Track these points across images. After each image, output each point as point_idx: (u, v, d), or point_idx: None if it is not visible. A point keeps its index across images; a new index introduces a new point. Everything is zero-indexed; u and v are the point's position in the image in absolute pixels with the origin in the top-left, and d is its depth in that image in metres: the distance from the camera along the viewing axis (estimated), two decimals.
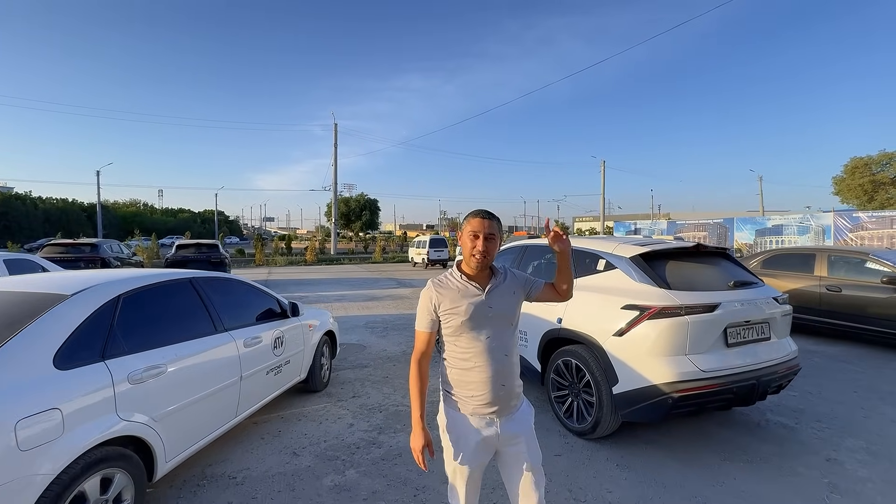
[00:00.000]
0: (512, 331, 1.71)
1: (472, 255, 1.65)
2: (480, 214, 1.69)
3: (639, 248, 3.36)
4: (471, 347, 1.65)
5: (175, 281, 2.86)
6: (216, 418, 2.85)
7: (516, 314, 1.72)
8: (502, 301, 1.68)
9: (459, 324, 1.63)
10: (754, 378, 2.95)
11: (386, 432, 3.49)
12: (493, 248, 1.66)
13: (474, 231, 1.65)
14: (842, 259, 6.35)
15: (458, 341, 1.67)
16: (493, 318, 1.65)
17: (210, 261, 12.85)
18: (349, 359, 5.66)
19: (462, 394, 1.67)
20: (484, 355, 1.63)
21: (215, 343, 2.88)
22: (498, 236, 1.68)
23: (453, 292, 1.67)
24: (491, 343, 1.64)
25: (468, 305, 1.63)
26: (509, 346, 1.68)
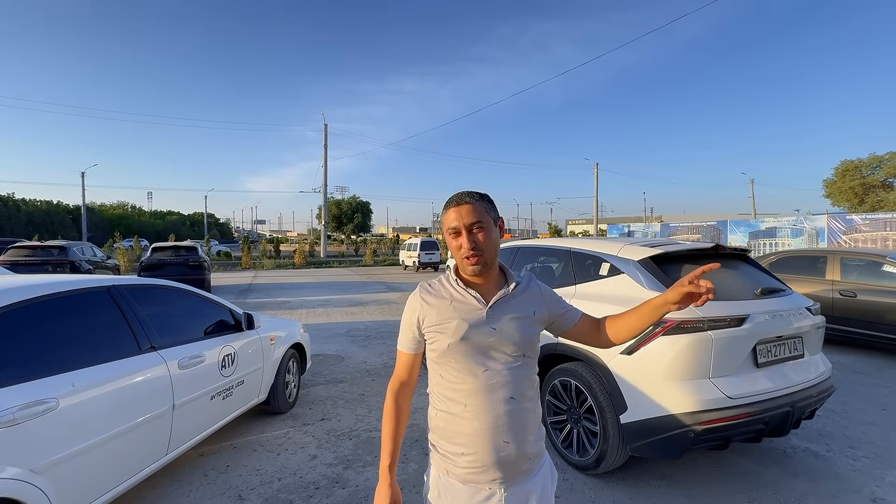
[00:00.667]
0: (524, 365, 1.20)
1: (463, 259, 1.18)
2: (454, 201, 1.20)
3: (649, 249, 2.88)
4: (461, 383, 1.17)
5: (85, 290, 2.32)
6: (137, 459, 2.31)
7: (532, 342, 1.22)
8: (512, 321, 1.19)
9: (446, 347, 1.17)
10: (788, 404, 2.47)
11: (353, 466, 2.96)
12: (489, 239, 1.18)
13: (452, 227, 1.19)
14: (856, 262, 5.94)
15: (444, 372, 1.21)
16: (497, 343, 1.17)
17: (188, 264, 12.22)
18: (323, 373, 5.13)
19: (450, 449, 1.18)
20: (478, 396, 1.15)
21: (137, 366, 2.34)
22: (490, 221, 1.20)
23: (444, 303, 1.22)
24: (490, 380, 1.15)
25: (460, 323, 1.16)
26: (519, 385, 1.18)
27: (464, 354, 1.16)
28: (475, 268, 1.17)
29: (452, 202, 1.20)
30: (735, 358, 2.44)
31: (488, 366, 1.16)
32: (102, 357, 2.20)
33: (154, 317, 2.67)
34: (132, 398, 2.27)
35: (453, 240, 1.19)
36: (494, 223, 1.21)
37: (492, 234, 1.19)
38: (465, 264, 1.18)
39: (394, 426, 1.26)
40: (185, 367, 2.65)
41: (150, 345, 2.49)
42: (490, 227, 1.19)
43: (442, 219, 1.23)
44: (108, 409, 2.13)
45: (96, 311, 2.34)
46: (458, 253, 1.18)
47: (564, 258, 3.46)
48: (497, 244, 1.21)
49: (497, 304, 1.19)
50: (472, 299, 1.20)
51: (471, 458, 1.14)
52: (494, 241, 1.20)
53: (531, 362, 1.22)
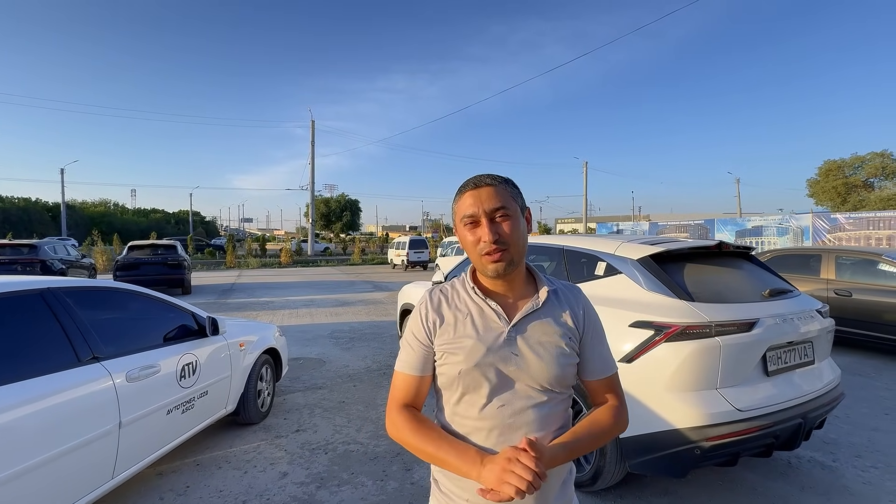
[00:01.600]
0: (553, 401, 0.93)
1: (482, 256, 0.92)
2: (471, 184, 0.95)
3: (648, 247, 2.66)
4: (471, 417, 0.93)
5: (8, 294, 2.01)
6: (73, 487, 2.02)
7: (566, 376, 0.94)
8: (541, 347, 0.93)
9: (457, 374, 0.92)
10: (800, 415, 2.27)
11: (327, 485, 2.70)
12: (516, 230, 0.92)
13: (468, 215, 0.93)
14: (851, 260, 5.83)
15: (451, 399, 0.96)
16: (518, 374, 0.91)
17: (167, 263, 11.79)
18: (302, 378, 4.85)
19: (454, 491, 0.94)
20: (492, 436, 0.90)
21: (74, 380, 2.05)
22: (517, 208, 0.95)
23: (459, 315, 0.96)
24: (507, 418, 0.90)
25: (475, 345, 0.91)
26: (545, 425, 0.92)
27: (476, 383, 0.91)
28: (498, 265, 0.90)
29: (469, 185, 0.95)
30: (744, 366, 2.23)
31: (505, 399, 0.91)
32: (29, 372, 1.90)
33: (100, 323, 2.37)
34: (66, 418, 1.97)
35: (469, 232, 0.93)
36: (522, 212, 0.96)
37: (519, 224, 0.94)
38: (486, 262, 0.92)
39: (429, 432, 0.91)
40: (135, 379, 2.35)
41: (92, 355, 2.19)
42: (517, 216, 0.94)
43: (455, 207, 0.97)
44: (34, 432, 1.83)
45: (23, 318, 2.03)
46: (476, 248, 0.92)
47: (557, 257, 3.23)
48: (525, 238, 0.96)
49: (522, 321, 0.94)
50: (490, 313, 0.95)
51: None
52: (522, 234, 0.94)
53: (562, 398, 0.96)
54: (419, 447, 0.91)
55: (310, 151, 29.83)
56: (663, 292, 2.41)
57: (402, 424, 0.94)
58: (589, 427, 0.95)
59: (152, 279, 11.08)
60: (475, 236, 0.92)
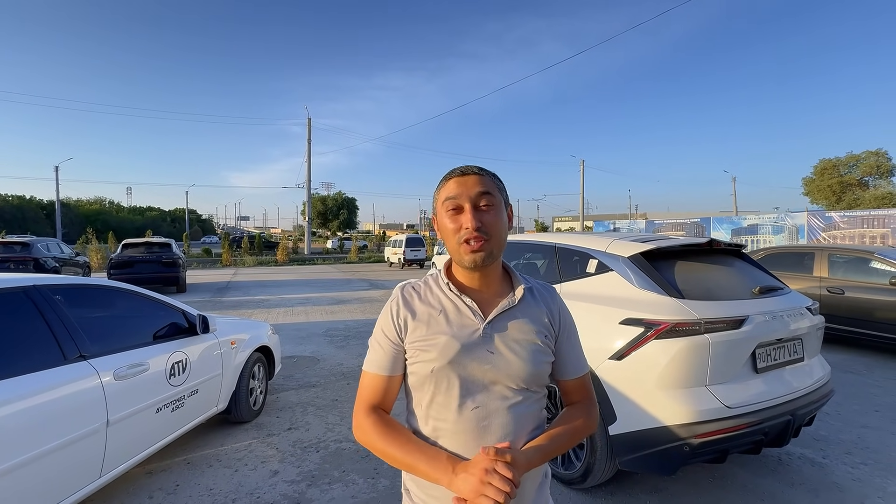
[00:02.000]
0: (528, 401, 0.92)
1: (460, 243, 0.89)
2: (456, 171, 0.93)
3: (639, 245, 2.66)
4: (442, 419, 0.89)
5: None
6: (59, 486, 2.00)
7: (541, 374, 0.93)
8: (516, 344, 0.91)
9: (429, 372, 0.89)
10: (789, 412, 2.28)
11: (318, 483, 2.69)
12: (498, 222, 0.90)
13: (451, 198, 0.90)
14: (844, 258, 5.85)
15: (423, 400, 0.92)
16: (493, 373, 0.89)
17: (161, 261, 11.72)
18: (296, 376, 4.83)
19: (425, 500, 0.91)
20: (463, 439, 0.87)
21: (60, 378, 2.03)
22: (501, 201, 0.93)
23: (431, 312, 0.93)
24: (481, 420, 0.87)
25: (449, 342, 0.88)
26: (519, 427, 0.89)
27: (449, 383, 0.89)
28: (477, 256, 0.88)
29: (456, 172, 0.93)
30: (734, 363, 2.23)
31: (479, 401, 0.88)
32: (14, 370, 1.88)
33: (87, 321, 2.35)
34: (52, 416, 1.96)
35: (451, 220, 0.90)
36: (505, 207, 0.95)
37: (502, 216, 0.92)
38: (464, 251, 0.88)
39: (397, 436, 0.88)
40: (123, 377, 2.34)
41: (79, 353, 2.18)
42: (501, 208, 0.92)
43: (437, 194, 0.95)
44: (19, 430, 1.81)
45: (8, 315, 2.01)
46: (457, 236, 0.89)
47: (549, 254, 3.23)
48: (506, 233, 0.93)
49: (498, 318, 0.92)
50: (465, 310, 0.92)
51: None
52: (504, 227, 0.92)
53: (537, 397, 0.94)
54: (387, 452, 0.88)
55: (306, 149, 29.73)
56: (654, 290, 2.41)
57: (369, 428, 0.91)
58: (563, 427, 0.94)
59: (147, 277, 11.03)
60: (456, 223, 0.89)
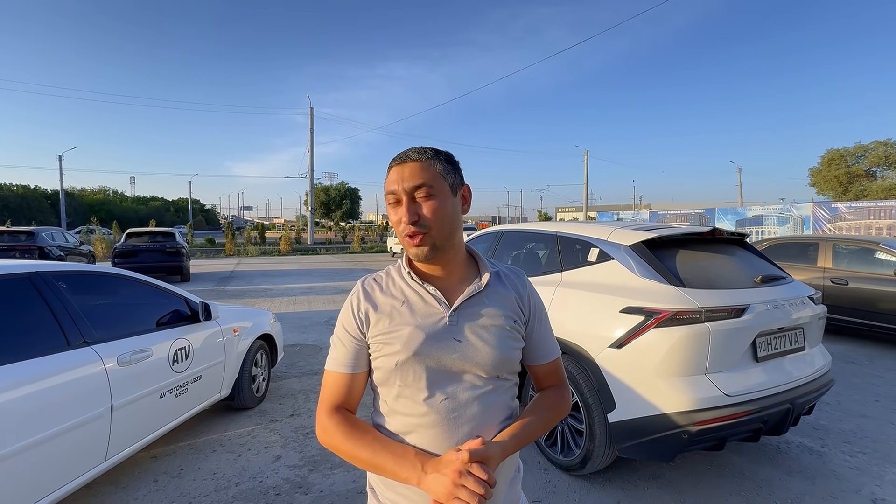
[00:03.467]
0: (499, 390, 0.90)
1: (403, 237, 0.87)
2: (397, 158, 0.89)
3: (641, 234, 2.65)
4: (410, 414, 0.87)
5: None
6: (65, 469, 2.04)
7: (511, 360, 0.91)
8: (484, 331, 0.88)
9: (394, 366, 0.86)
10: (788, 401, 2.28)
11: (320, 468, 2.73)
12: (439, 212, 0.85)
13: (391, 192, 0.87)
14: (849, 249, 5.81)
15: (389, 396, 0.90)
16: (462, 362, 0.87)
17: (165, 250, 11.78)
18: (299, 364, 4.87)
19: (392, 498, 0.88)
20: (433, 433, 0.85)
21: (64, 364, 2.05)
22: (445, 187, 0.87)
23: (393, 303, 0.90)
24: (451, 412, 0.85)
25: (413, 332, 0.86)
26: (491, 418, 0.88)
27: (416, 375, 0.86)
28: (420, 250, 0.86)
29: (396, 160, 0.88)
30: (734, 352, 2.23)
31: (449, 392, 0.86)
32: (18, 355, 1.90)
33: (91, 308, 2.37)
34: (56, 401, 1.98)
35: (392, 211, 0.87)
36: (453, 191, 0.89)
37: (445, 204, 0.86)
38: (407, 244, 0.87)
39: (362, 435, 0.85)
40: (127, 363, 2.36)
41: (83, 339, 2.20)
42: (442, 195, 0.86)
43: (384, 183, 0.91)
44: (24, 414, 1.84)
45: (12, 301, 2.03)
46: (399, 228, 0.87)
47: (551, 243, 3.22)
48: (453, 219, 0.88)
49: (464, 305, 0.89)
50: (429, 298, 0.89)
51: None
52: (448, 216, 0.86)
53: (508, 385, 0.92)
54: (352, 453, 0.84)
55: (308, 139, 29.62)
56: (655, 278, 2.40)
57: (333, 429, 0.86)
58: (537, 413, 0.93)
59: (151, 266, 11.09)
60: (397, 216, 0.86)
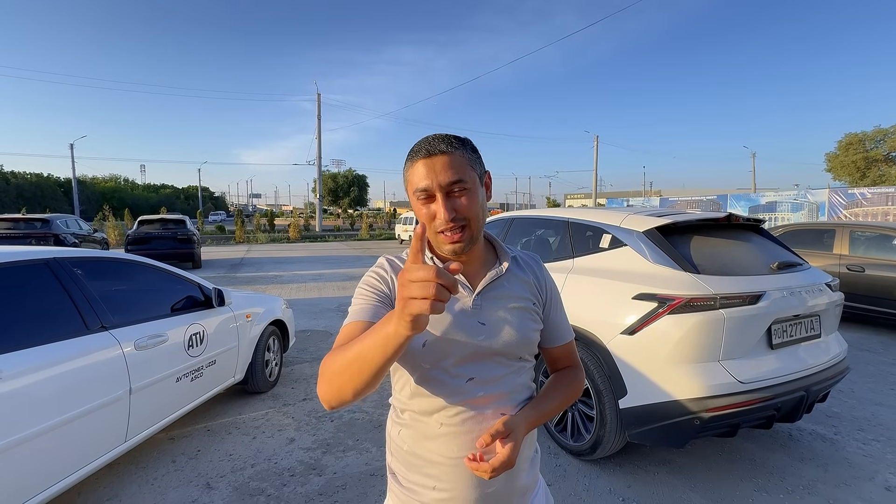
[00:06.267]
0: (521, 371, 0.91)
1: (437, 233, 0.84)
2: (423, 150, 0.82)
3: (655, 219, 2.61)
4: (435, 395, 0.86)
5: (14, 264, 2.04)
6: (87, 449, 2.10)
7: (532, 342, 0.92)
8: (507, 313, 0.89)
9: (421, 346, 0.85)
10: (803, 388, 2.26)
11: (333, 451, 2.78)
12: (474, 205, 0.83)
13: (421, 189, 0.82)
14: (866, 235, 5.69)
15: (412, 378, 0.89)
16: (486, 343, 0.86)
17: (176, 238, 11.91)
18: (310, 349, 4.94)
19: (416, 481, 0.89)
20: (460, 411, 0.85)
21: (83, 348, 2.10)
22: (475, 178, 0.85)
23: None
24: (476, 391, 0.86)
25: (439, 315, 0.81)
26: (514, 399, 0.89)
27: (443, 357, 0.85)
28: (457, 246, 0.83)
29: (422, 152, 0.82)
30: (748, 339, 2.21)
31: (474, 372, 0.86)
32: (39, 339, 1.94)
33: (108, 293, 2.41)
34: (78, 383, 2.03)
35: (423, 206, 0.83)
36: (480, 180, 0.87)
37: (479, 196, 0.84)
38: (442, 241, 0.84)
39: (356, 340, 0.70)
40: (144, 347, 2.41)
41: (101, 324, 2.24)
42: (476, 188, 0.84)
43: (406, 176, 0.86)
44: (46, 396, 1.89)
45: (32, 286, 2.07)
46: (432, 225, 0.83)
47: (562, 230, 3.19)
48: (484, 210, 0.87)
49: (487, 289, 0.89)
50: None
51: (444, 494, 0.86)
52: (483, 206, 0.86)
53: (529, 366, 0.94)
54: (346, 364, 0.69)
55: (316, 126, 29.53)
56: (668, 265, 2.37)
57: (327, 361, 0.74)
58: (556, 389, 0.96)
59: (163, 253, 11.22)
60: (430, 211, 0.83)
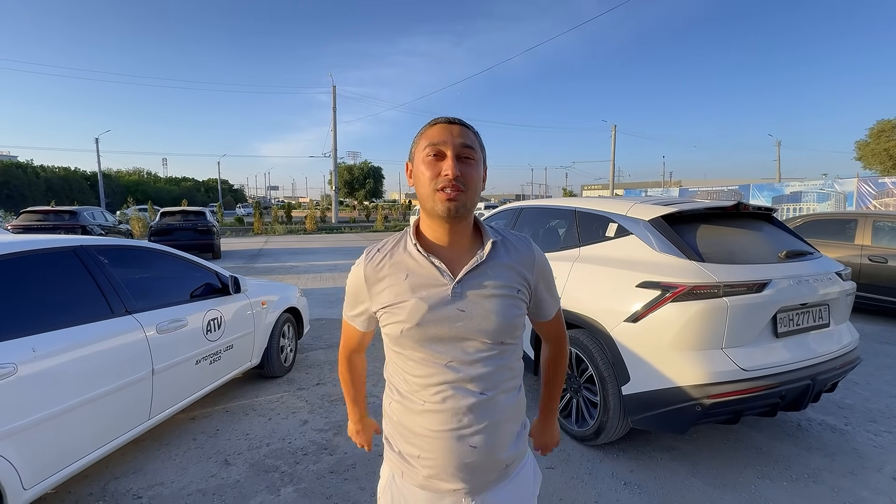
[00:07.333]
0: (503, 353, 0.95)
1: (436, 190, 0.87)
2: (443, 119, 0.92)
3: (661, 208, 2.61)
4: (418, 375, 0.93)
5: (46, 251, 2.17)
6: (115, 425, 2.24)
7: (513, 326, 0.94)
8: (487, 300, 0.91)
9: (399, 333, 0.92)
10: (809, 377, 2.26)
11: (344, 433, 2.88)
12: (473, 178, 0.89)
13: (435, 144, 0.88)
14: (890, 225, 5.52)
15: (398, 358, 0.97)
16: (465, 330, 0.91)
17: (197, 229, 12.24)
18: (324, 337, 5.07)
19: (405, 449, 0.96)
20: (440, 391, 0.91)
21: (109, 330, 2.23)
22: (479, 159, 0.92)
23: (397, 275, 0.93)
24: (456, 373, 0.91)
25: (417, 304, 0.90)
26: (495, 378, 0.93)
27: (422, 342, 0.91)
28: (451, 205, 0.87)
29: (441, 119, 0.92)
30: (752, 327, 2.21)
31: (454, 356, 0.91)
32: (68, 321, 2.07)
33: (130, 279, 2.54)
34: (105, 364, 2.16)
35: (429, 166, 0.88)
36: (481, 165, 0.94)
37: (479, 172, 0.92)
38: (439, 199, 0.87)
39: (352, 378, 1.24)
40: (165, 331, 2.53)
41: (125, 308, 2.37)
42: (479, 165, 0.92)
43: (418, 139, 0.93)
44: (76, 374, 2.02)
45: (61, 272, 2.20)
46: (434, 182, 0.87)
47: (569, 219, 3.21)
48: (480, 190, 0.92)
49: (468, 276, 0.92)
50: (433, 270, 0.91)
51: (428, 462, 0.93)
52: (479, 184, 0.92)
53: (512, 347, 0.97)
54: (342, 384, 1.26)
55: (331, 118, 29.72)
56: (674, 253, 2.38)
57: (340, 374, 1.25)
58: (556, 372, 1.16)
59: (184, 245, 11.54)
60: (434, 170, 0.88)
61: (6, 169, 43.48)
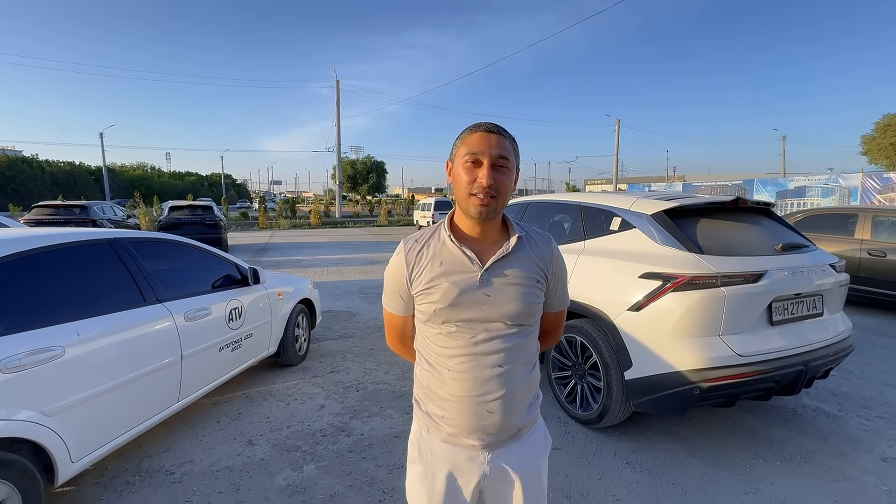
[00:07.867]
0: (521, 333, 1.08)
1: (471, 194, 1.01)
2: (483, 127, 1.03)
3: (663, 203, 2.73)
4: (446, 347, 1.07)
5: (84, 242, 2.32)
6: (149, 405, 2.40)
7: (533, 311, 1.08)
8: (510, 287, 1.05)
9: (433, 312, 1.05)
10: (802, 363, 2.39)
11: (359, 416, 3.04)
12: (505, 185, 1.02)
13: (473, 153, 1.00)
14: (890, 220, 5.61)
15: (429, 332, 1.10)
16: (490, 312, 1.04)
17: (205, 223, 12.40)
18: (335, 328, 5.22)
19: (431, 409, 1.12)
20: (463, 362, 1.05)
21: (143, 317, 2.38)
22: (513, 166, 1.05)
23: (434, 261, 1.07)
24: (479, 347, 1.05)
25: (449, 287, 1.03)
26: (514, 354, 1.07)
27: (451, 321, 1.05)
28: (482, 209, 1.00)
29: (482, 127, 1.03)
30: (748, 315, 2.34)
31: (478, 334, 1.05)
32: (106, 308, 2.22)
33: (159, 270, 2.69)
34: (140, 348, 2.32)
35: (467, 172, 1.01)
36: (514, 171, 1.06)
37: (512, 179, 1.04)
38: (473, 202, 1.00)
39: None
40: (192, 319, 2.68)
41: (155, 297, 2.52)
42: (512, 173, 1.04)
43: (459, 143, 1.04)
44: (115, 357, 2.18)
45: (98, 262, 2.35)
46: (469, 187, 1.00)
47: (575, 213, 3.33)
48: (511, 193, 1.06)
49: (494, 265, 1.05)
50: (464, 259, 1.05)
51: (451, 422, 1.07)
52: (510, 188, 1.04)
53: (530, 329, 1.11)
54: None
55: (335, 112, 29.79)
56: (675, 245, 2.50)
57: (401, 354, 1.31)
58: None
59: (192, 238, 11.73)
60: (471, 176, 1.01)
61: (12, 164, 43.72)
